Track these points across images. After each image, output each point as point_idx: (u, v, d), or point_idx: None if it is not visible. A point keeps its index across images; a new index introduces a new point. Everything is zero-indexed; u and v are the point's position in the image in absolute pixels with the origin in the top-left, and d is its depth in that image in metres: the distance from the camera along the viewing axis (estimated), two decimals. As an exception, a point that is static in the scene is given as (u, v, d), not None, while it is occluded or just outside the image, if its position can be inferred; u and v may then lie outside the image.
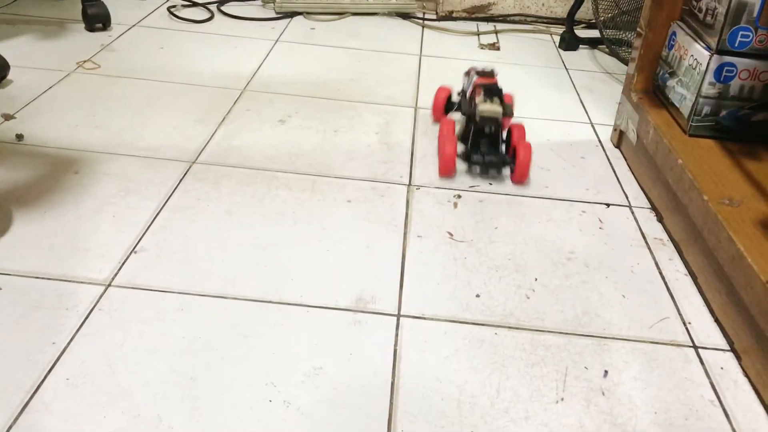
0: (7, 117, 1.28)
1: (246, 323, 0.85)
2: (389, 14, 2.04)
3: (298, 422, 0.72)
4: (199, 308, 0.87)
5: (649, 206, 1.17)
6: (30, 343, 0.79)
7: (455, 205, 1.13)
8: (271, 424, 0.72)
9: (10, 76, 1.44)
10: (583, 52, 1.90)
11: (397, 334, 0.85)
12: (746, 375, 0.84)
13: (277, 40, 1.78)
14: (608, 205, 1.16)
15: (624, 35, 1.81)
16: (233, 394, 0.75)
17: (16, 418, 0.70)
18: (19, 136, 1.22)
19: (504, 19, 2.07)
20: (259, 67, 1.61)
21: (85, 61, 1.56)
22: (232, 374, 0.78)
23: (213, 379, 0.77)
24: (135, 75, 1.51)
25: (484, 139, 1.21)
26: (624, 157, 1.33)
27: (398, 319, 0.88)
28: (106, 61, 1.57)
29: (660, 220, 1.13)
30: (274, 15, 1.96)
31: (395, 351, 0.83)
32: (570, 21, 1.89)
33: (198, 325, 0.84)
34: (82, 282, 0.89)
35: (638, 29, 1.28)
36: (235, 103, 1.41)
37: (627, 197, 1.19)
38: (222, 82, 1.51)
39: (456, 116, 1.34)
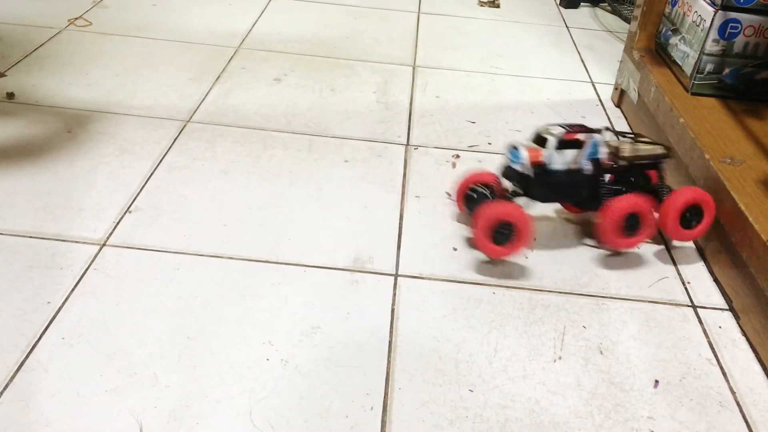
0: (-2, 75, 1.26)
1: (243, 283, 0.84)
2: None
3: (296, 380, 0.72)
4: (195, 268, 0.86)
5: (650, 166, 1.16)
6: (25, 303, 0.79)
7: (454, 165, 1.11)
8: (268, 383, 0.72)
9: None
10: (584, 10, 1.87)
11: (394, 294, 0.85)
12: (744, 334, 0.84)
13: (272, -3, 1.75)
14: (608, 164, 1.15)
15: (626, -8, 1.77)
16: (230, 353, 0.75)
17: (12, 377, 0.70)
18: (10, 95, 1.20)
19: (504, -24, 2.03)
20: (254, 24, 1.58)
21: (76, 18, 1.53)
22: (229, 333, 0.77)
23: (210, 338, 0.76)
24: (128, 33, 1.48)
25: None
26: (625, 116, 1.31)
27: (396, 279, 0.87)
28: (98, 18, 1.54)
29: (660, 179, 1.12)
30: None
31: (393, 310, 0.82)
32: (571, -22, 1.85)
33: (194, 285, 0.83)
34: (76, 241, 0.89)
35: (641, -15, 1.26)
36: (229, 62, 1.39)
37: (627, 157, 1.18)
38: (216, 40, 1.48)
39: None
